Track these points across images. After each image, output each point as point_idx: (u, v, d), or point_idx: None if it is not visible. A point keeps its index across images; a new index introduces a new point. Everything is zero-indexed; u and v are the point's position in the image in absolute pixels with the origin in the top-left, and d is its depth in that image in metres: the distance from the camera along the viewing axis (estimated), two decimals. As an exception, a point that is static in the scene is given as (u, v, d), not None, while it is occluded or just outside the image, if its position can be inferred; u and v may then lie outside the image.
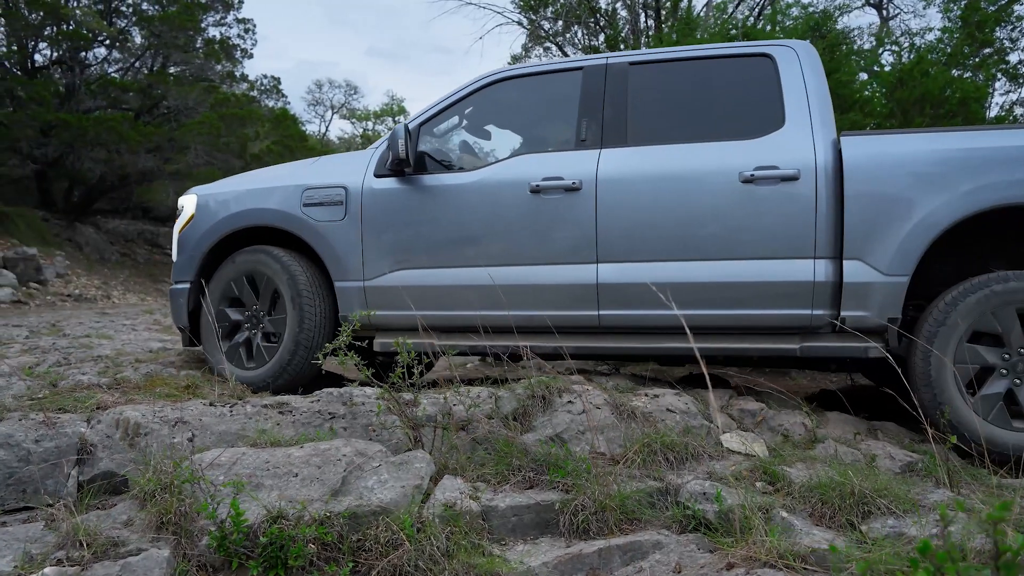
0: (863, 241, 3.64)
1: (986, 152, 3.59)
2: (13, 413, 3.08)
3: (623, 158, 4.06)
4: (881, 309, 3.62)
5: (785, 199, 3.75)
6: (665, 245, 3.92)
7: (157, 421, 3.02)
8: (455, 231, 4.25)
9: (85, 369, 4.52)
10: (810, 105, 3.87)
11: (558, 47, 11.32)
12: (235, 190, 4.79)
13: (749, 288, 3.79)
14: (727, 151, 3.90)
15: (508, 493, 2.86)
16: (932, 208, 3.54)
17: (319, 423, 3.18)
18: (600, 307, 4.00)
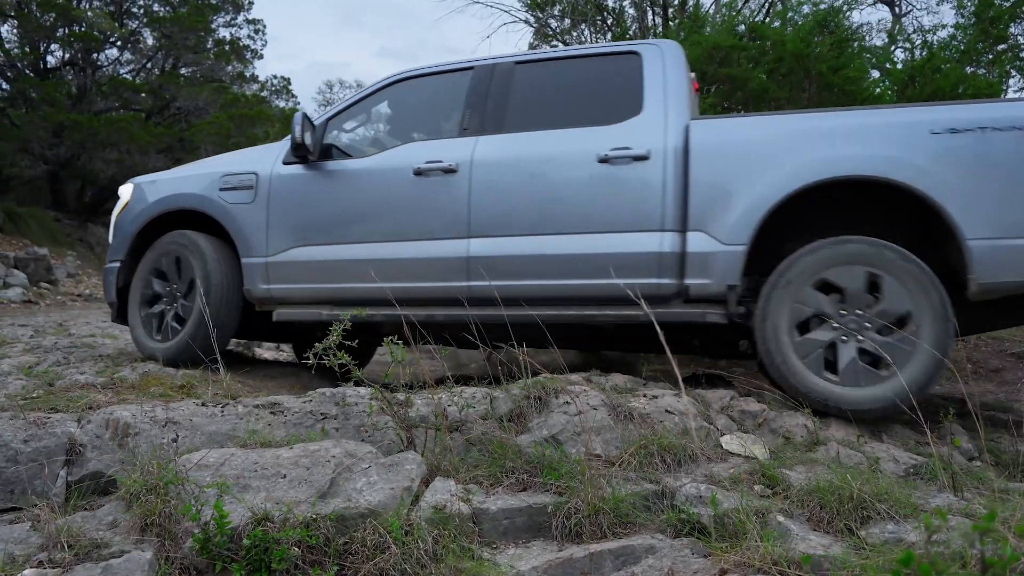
0: (705, 214, 3.93)
1: (805, 132, 3.93)
2: (4, 413, 3.06)
3: (498, 143, 4.41)
4: (721, 277, 3.88)
5: (636, 177, 4.06)
6: (531, 221, 4.22)
7: (147, 421, 3.00)
8: (348, 211, 4.62)
9: (84, 369, 4.50)
10: (666, 95, 4.21)
11: (565, 45, 11.26)
12: (165, 178, 5.33)
13: (604, 259, 4.04)
14: (590, 135, 4.23)
15: (500, 495, 2.82)
16: (764, 184, 3.83)
17: (311, 424, 3.15)
18: (469, 279, 4.31)
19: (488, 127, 4.50)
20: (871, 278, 3.68)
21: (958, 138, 3.66)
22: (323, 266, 4.60)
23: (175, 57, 20.39)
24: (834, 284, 3.73)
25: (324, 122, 4.83)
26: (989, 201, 3.57)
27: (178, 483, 2.38)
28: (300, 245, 4.68)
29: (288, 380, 4.85)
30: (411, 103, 5.16)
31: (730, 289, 3.88)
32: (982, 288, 3.58)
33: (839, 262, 3.71)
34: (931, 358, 3.56)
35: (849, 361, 3.67)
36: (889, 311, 3.65)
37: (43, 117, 16.39)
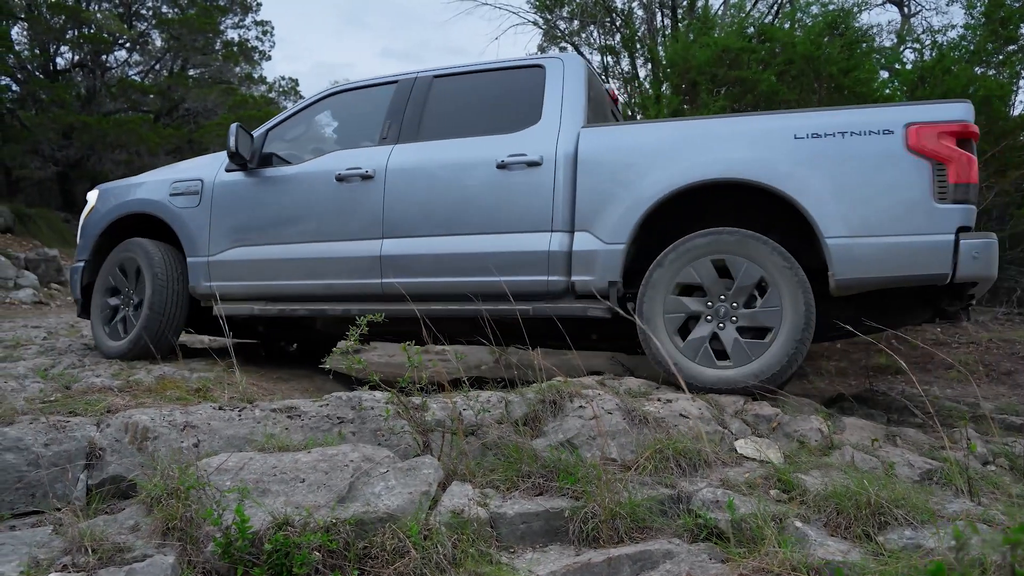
0: (590, 216, 4.19)
1: (682, 139, 4.19)
2: (24, 416, 3.08)
3: (410, 151, 4.72)
4: (603, 274, 4.14)
5: (530, 181, 4.34)
6: (437, 222, 4.53)
7: (166, 425, 3.02)
8: (279, 214, 5.01)
9: (99, 371, 4.53)
10: (563, 105, 4.48)
11: (574, 47, 11.26)
12: (126, 184, 5.80)
13: (501, 258, 4.33)
14: (492, 143, 4.51)
15: (517, 500, 2.83)
16: (642, 187, 4.08)
17: (328, 427, 3.16)
18: (383, 276, 4.62)
19: (404, 136, 4.82)
20: (722, 264, 3.95)
21: (819, 143, 3.86)
22: (257, 265, 5.00)
23: (183, 59, 20.46)
24: (693, 284, 4.01)
25: (264, 132, 5.24)
26: (847, 202, 3.76)
27: (200, 488, 2.40)
28: (237, 245, 5.09)
29: (301, 383, 4.87)
30: (344, 114, 5.57)
31: (611, 285, 4.13)
32: (839, 284, 3.78)
33: (701, 254, 3.97)
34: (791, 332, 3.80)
35: (734, 343, 3.91)
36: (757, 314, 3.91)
37: (53, 119, 16.46)
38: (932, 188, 3.67)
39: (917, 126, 3.72)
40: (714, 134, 4.14)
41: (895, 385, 6.06)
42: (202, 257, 5.16)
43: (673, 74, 7.07)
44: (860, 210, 3.76)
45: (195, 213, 5.24)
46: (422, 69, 5.14)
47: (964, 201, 3.65)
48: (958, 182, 3.64)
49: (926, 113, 3.78)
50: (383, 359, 8.68)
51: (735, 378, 3.87)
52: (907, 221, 3.69)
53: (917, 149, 3.70)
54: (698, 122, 4.41)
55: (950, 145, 3.67)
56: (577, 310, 4.21)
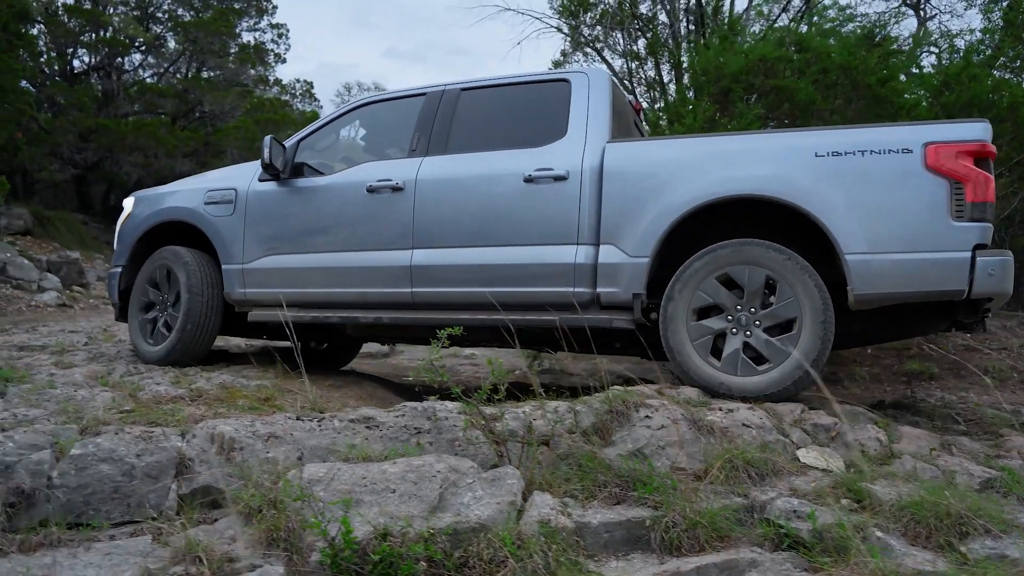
0: (615, 229, 4.28)
1: (706, 155, 4.26)
2: (108, 427, 3.15)
3: (439, 163, 4.82)
4: (627, 286, 4.22)
5: (557, 195, 4.43)
6: (466, 234, 4.64)
7: (250, 436, 3.08)
8: (311, 223, 5.14)
9: (159, 379, 4.60)
10: (588, 119, 4.57)
11: (597, 52, 11.33)
12: (161, 192, 5.94)
13: (528, 269, 4.45)
14: (519, 157, 4.60)
15: (597, 509, 2.89)
16: (667, 202, 4.16)
17: (406, 438, 3.23)
18: (413, 285, 4.73)
19: (433, 148, 4.91)
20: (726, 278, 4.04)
21: (840, 160, 3.94)
22: (290, 272, 5.13)
23: (200, 62, 20.55)
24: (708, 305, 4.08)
25: (296, 143, 5.35)
26: (866, 219, 3.84)
27: (304, 500, 2.46)
28: (271, 254, 5.21)
29: (352, 389, 4.94)
30: (374, 125, 5.71)
31: (635, 297, 4.21)
32: (858, 299, 3.84)
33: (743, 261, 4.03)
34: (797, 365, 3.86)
35: (732, 352, 4.00)
36: (778, 313, 3.97)
37: (72, 122, 16.56)
38: (950, 206, 3.73)
39: (935, 145, 3.79)
40: (737, 150, 4.23)
41: (931, 391, 6.12)
42: (236, 264, 5.29)
43: (705, 82, 7.12)
44: (878, 227, 3.83)
45: (229, 221, 5.37)
46: (450, 82, 5.23)
47: (981, 219, 3.72)
48: (975, 200, 3.71)
49: (945, 132, 3.85)
50: (412, 363, 8.76)
51: (780, 377, 3.92)
52: (925, 238, 3.77)
53: (935, 168, 3.77)
54: (721, 138, 4.53)
55: (968, 164, 3.74)
56: (603, 321, 4.30)
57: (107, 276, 5.90)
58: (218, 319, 5.35)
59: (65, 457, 2.85)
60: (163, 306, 5.44)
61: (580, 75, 4.83)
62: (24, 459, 2.79)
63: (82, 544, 2.56)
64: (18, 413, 3.42)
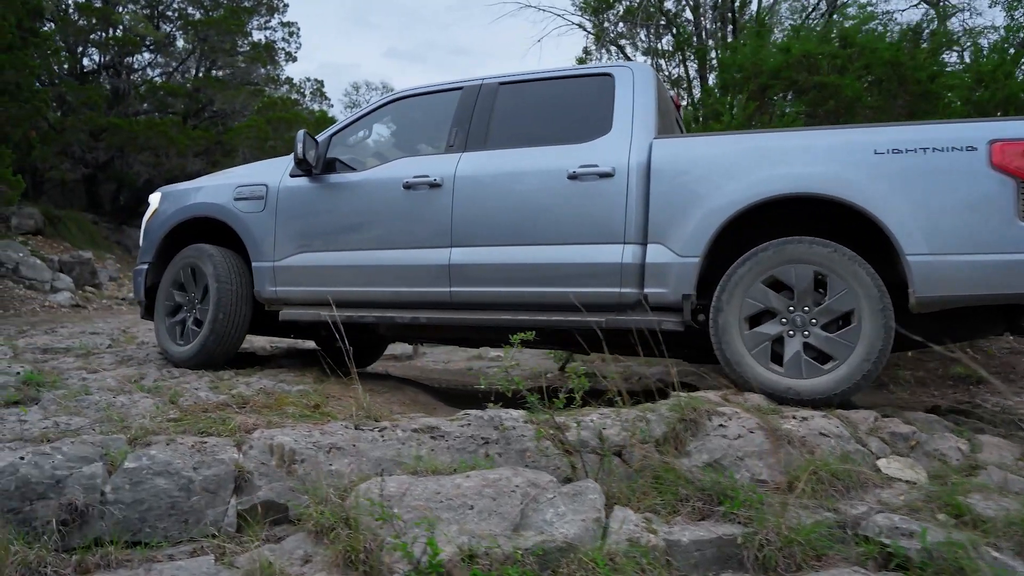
0: (664, 228, 4.13)
1: (758, 151, 4.09)
2: (158, 437, 2.97)
3: (478, 160, 4.67)
4: (676, 287, 4.07)
5: (602, 193, 4.28)
6: (506, 232, 4.49)
7: (311, 447, 2.90)
8: (344, 220, 4.99)
9: (194, 383, 4.43)
10: (634, 114, 4.41)
11: (619, 49, 11.14)
12: (188, 188, 5.80)
13: (572, 268, 4.30)
14: (562, 153, 4.46)
15: (684, 526, 2.72)
16: (718, 200, 4.01)
17: (473, 449, 3.05)
18: (451, 284, 4.58)
19: (471, 144, 4.76)
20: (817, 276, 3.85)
21: (900, 158, 3.78)
22: (323, 270, 4.98)
23: (210, 60, 20.39)
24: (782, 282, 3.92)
25: (327, 138, 5.19)
26: (928, 219, 3.69)
27: (386, 520, 2.28)
28: (304, 251, 5.07)
29: (395, 395, 4.77)
30: (408, 120, 5.57)
31: (685, 299, 4.06)
32: (920, 301, 3.70)
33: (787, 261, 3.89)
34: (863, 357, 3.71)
35: (793, 355, 3.84)
36: (833, 308, 3.81)
37: (83, 121, 16.39)
38: (1016, 206, 3.59)
39: (1002, 143, 3.64)
40: (791, 147, 4.09)
41: (983, 396, 5.93)
42: (267, 262, 5.14)
43: (742, 79, 6.94)
44: (941, 227, 3.68)
45: (260, 218, 5.23)
46: (487, 76, 5.08)
47: None
48: None
49: (1011, 130, 3.70)
50: (439, 365, 8.59)
51: (849, 373, 3.74)
52: (989, 239, 3.62)
53: (1001, 166, 3.62)
54: (774, 134, 4.39)
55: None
56: (652, 323, 4.11)
57: (133, 273, 5.77)
58: (248, 312, 5.19)
59: (118, 470, 2.67)
60: (191, 305, 5.30)
61: (624, 69, 4.67)
62: (75, 473, 2.62)
63: (142, 565, 2.39)
64: (60, 422, 3.25)
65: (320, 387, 4.50)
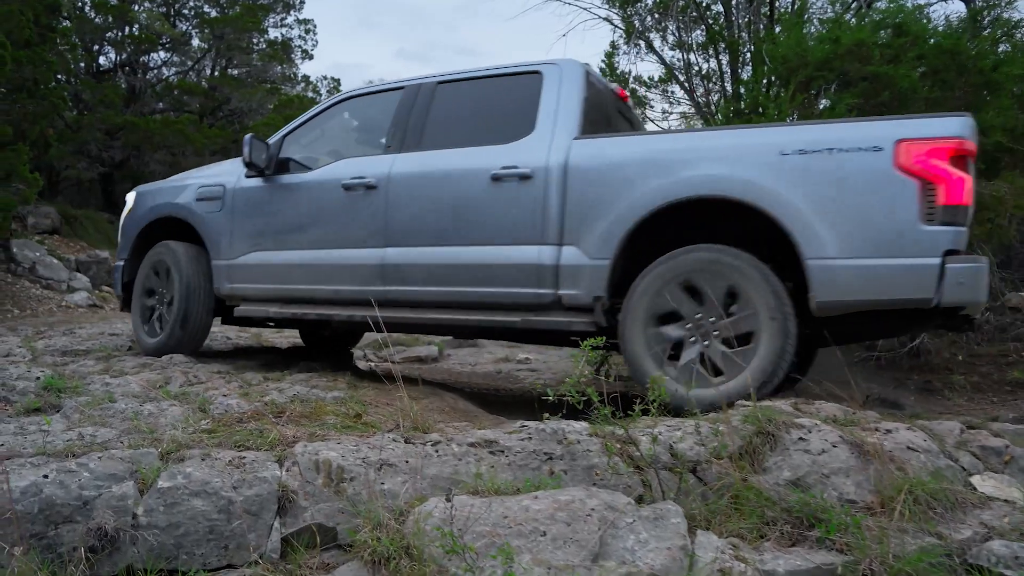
0: (578, 230, 4.13)
1: (668, 153, 4.05)
2: (192, 451, 2.72)
3: (411, 161, 4.74)
4: (589, 288, 4.08)
5: (521, 195, 4.29)
6: (435, 232, 4.57)
7: (360, 463, 2.64)
8: (292, 221, 5.16)
9: (223, 389, 4.18)
10: (557, 114, 4.38)
11: (648, 44, 10.85)
12: (159, 188, 6.08)
13: (494, 269, 4.34)
14: (488, 154, 4.47)
15: (775, 553, 2.44)
16: (627, 203, 3.99)
17: (536, 465, 2.78)
18: (386, 283, 4.70)
19: (407, 145, 4.85)
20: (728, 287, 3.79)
21: (805, 159, 3.68)
22: (273, 269, 5.18)
23: (226, 59, 20.21)
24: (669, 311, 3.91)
25: (280, 139, 5.34)
26: (831, 222, 3.60)
27: (458, 552, 2.02)
28: (256, 250, 5.27)
29: (432, 401, 4.48)
30: (355, 120, 5.67)
31: (596, 300, 4.07)
32: (820, 306, 3.62)
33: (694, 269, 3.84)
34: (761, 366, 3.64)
35: (688, 361, 3.81)
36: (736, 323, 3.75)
37: (101, 119, 16.23)
38: (920, 209, 3.46)
39: (907, 143, 3.50)
40: (699, 148, 4.03)
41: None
42: (224, 260, 5.37)
43: (785, 71, 6.64)
44: (843, 231, 3.58)
45: (218, 218, 5.43)
46: (428, 75, 5.10)
47: (953, 223, 3.45)
48: (947, 203, 3.44)
49: (918, 128, 3.56)
50: (466, 368, 8.32)
51: (736, 390, 3.61)
52: (892, 243, 3.51)
53: (906, 168, 3.49)
54: (685, 135, 4.40)
55: (941, 164, 3.45)
56: (563, 324, 4.17)
57: (113, 269, 6.13)
58: (210, 312, 5.51)
59: (151, 490, 2.42)
60: (161, 299, 5.58)
61: (552, 66, 4.59)
62: (104, 493, 2.37)
63: (180, 598, 2.14)
64: (85, 433, 3.01)
65: (356, 393, 4.25)
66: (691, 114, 10.97)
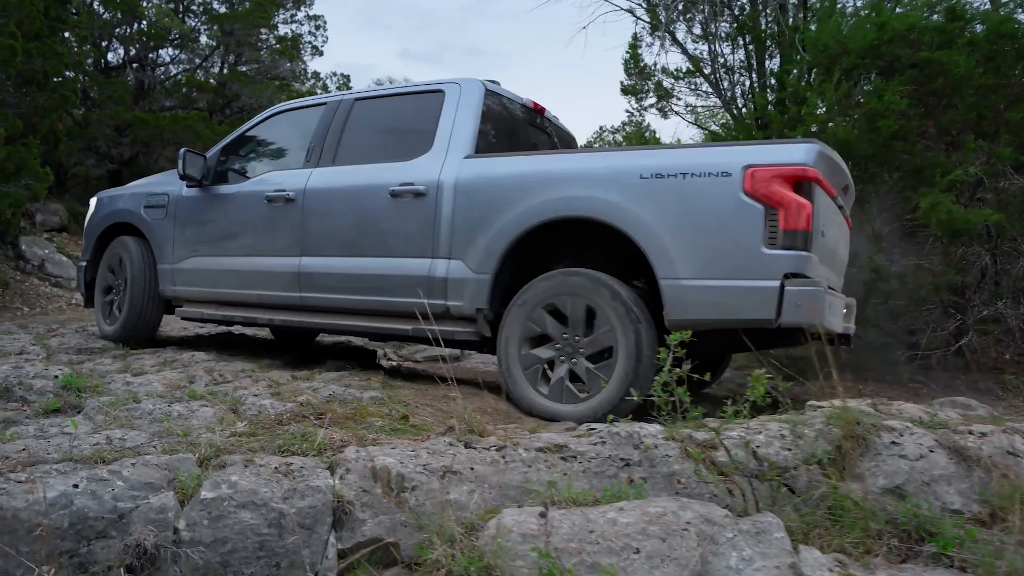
0: (463, 246, 4.34)
1: (545, 173, 4.19)
2: (232, 456, 2.47)
3: (324, 175, 5.02)
4: (472, 300, 4.31)
5: (416, 210, 4.53)
6: (343, 243, 4.85)
7: (420, 471, 2.39)
8: (224, 229, 5.51)
9: (252, 388, 3.94)
10: (453, 132, 4.59)
11: (671, 36, 10.58)
12: (116, 194, 6.46)
13: (392, 280, 4.58)
14: (390, 171, 4.71)
15: (888, 570, 2.19)
16: (506, 221, 4.18)
17: (613, 472, 2.52)
18: (301, 290, 5.00)
19: (324, 159, 5.12)
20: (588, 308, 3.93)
21: (662, 183, 3.81)
22: (208, 274, 5.54)
23: (236, 55, 19.94)
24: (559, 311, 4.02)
25: (218, 151, 5.71)
26: (684, 244, 3.72)
27: (558, 574, 1.76)
28: (193, 255, 5.64)
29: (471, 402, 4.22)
30: (284, 134, 5.78)
31: (478, 312, 4.29)
32: (672, 324, 3.65)
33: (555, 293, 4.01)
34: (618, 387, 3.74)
35: (558, 380, 3.97)
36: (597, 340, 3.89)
37: (110, 115, 15.99)
38: (764, 233, 3.57)
39: (754, 169, 3.61)
40: (571, 170, 4.16)
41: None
42: (168, 264, 5.76)
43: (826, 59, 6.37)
44: (696, 252, 3.71)
45: (163, 224, 5.79)
46: (348, 92, 5.40)
47: (793, 247, 3.55)
48: (787, 228, 3.54)
49: (764, 155, 3.66)
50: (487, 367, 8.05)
51: (599, 405, 3.77)
52: (737, 266, 3.62)
53: (752, 193, 3.60)
54: (560, 157, 4.54)
55: (783, 190, 3.56)
56: (448, 333, 4.34)
57: (77, 269, 6.58)
58: (159, 307, 5.92)
59: (192, 501, 2.17)
60: (118, 290, 6.02)
61: (453, 85, 4.79)
62: (141, 505, 2.12)
63: (230, 624, 1.89)
64: (113, 436, 2.75)
65: (392, 393, 4.00)
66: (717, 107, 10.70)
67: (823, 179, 3.74)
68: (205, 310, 5.59)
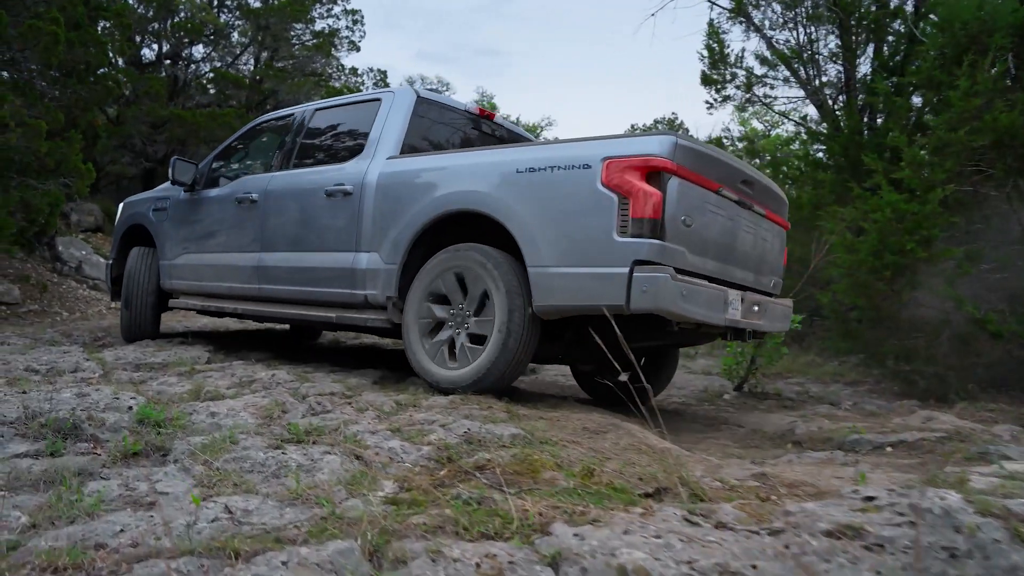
0: (378, 239, 4.74)
1: (441, 170, 4.58)
2: (411, 545, 1.79)
3: (282, 178, 5.57)
4: (383, 289, 4.69)
5: (344, 208, 4.98)
6: (290, 240, 5.35)
7: (688, 571, 1.70)
8: (206, 228, 6.20)
9: (356, 417, 3.27)
10: (381, 137, 5.03)
11: (748, 21, 9.85)
12: (138, 199, 7.24)
13: (325, 272, 5.04)
14: (327, 173, 5.21)
15: None
16: (410, 215, 4.57)
17: (939, 569, 1.81)
18: (260, 282, 5.55)
19: (284, 164, 5.69)
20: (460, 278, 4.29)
21: (532, 176, 4.07)
22: (194, 268, 6.22)
23: (272, 50, 19.40)
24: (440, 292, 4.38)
25: (211, 157, 6.44)
26: (549, 233, 3.94)
27: None
28: (184, 253, 6.36)
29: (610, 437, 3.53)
30: (261, 143, 6.34)
31: (388, 299, 4.67)
32: (537, 310, 4.01)
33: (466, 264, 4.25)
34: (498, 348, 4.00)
35: (461, 348, 4.23)
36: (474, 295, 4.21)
37: (144, 112, 15.48)
38: (616, 222, 3.72)
39: (610, 160, 3.79)
40: (462, 166, 4.49)
41: None
42: (166, 261, 6.51)
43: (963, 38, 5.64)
44: (559, 241, 3.90)
45: (164, 225, 6.56)
46: (311, 104, 5.96)
47: (641, 235, 3.67)
48: (637, 216, 3.68)
49: (620, 148, 3.82)
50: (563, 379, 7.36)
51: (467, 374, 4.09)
52: (593, 253, 3.79)
53: (607, 184, 3.78)
54: (458, 155, 4.81)
55: (633, 180, 3.71)
56: (364, 320, 4.82)
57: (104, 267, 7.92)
58: (156, 302, 6.63)
59: (386, 627, 1.49)
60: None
61: (388, 94, 5.24)
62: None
63: None
64: (234, 507, 2.08)
65: (527, 426, 3.32)
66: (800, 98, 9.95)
67: (685, 170, 3.77)
68: (191, 301, 6.30)
